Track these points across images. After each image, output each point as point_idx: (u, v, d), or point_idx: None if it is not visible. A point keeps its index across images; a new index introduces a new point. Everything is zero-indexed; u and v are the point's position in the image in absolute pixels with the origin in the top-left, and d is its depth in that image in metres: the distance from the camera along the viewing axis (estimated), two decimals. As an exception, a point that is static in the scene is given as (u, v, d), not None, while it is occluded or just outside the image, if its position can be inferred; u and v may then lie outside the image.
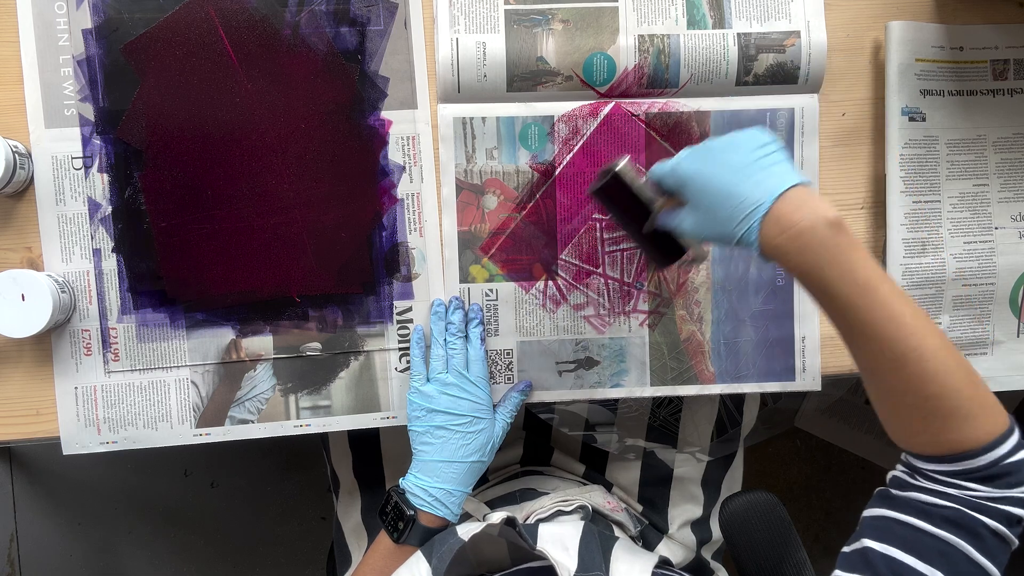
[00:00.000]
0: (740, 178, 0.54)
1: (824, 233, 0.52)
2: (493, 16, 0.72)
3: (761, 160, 0.55)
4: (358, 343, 0.75)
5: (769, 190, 0.53)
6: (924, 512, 0.51)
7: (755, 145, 0.56)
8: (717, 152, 0.57)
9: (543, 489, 0.83)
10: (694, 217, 0.58)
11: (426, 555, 0.61)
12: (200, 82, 0.72)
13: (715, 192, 0.55)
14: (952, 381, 0.51)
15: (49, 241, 0.72)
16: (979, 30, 0.77)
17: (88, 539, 1.51)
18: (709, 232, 0.57)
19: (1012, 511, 0.50)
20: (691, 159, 0.58)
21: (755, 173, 0.54)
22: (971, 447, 0.51)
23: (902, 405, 0.53)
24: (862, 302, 0.51)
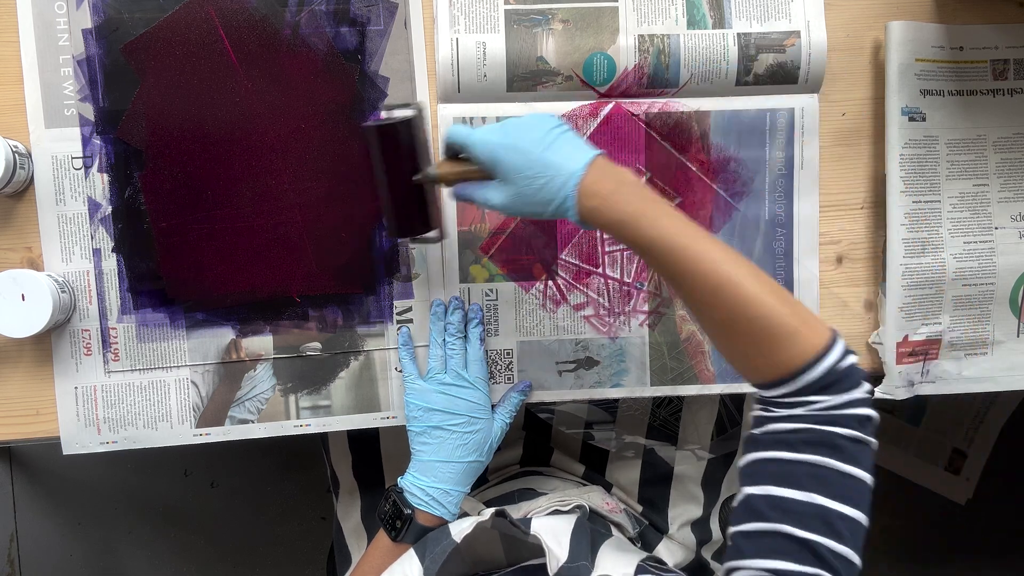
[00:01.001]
0: (551, 153, 0.59)
1: (629, 190, 0.58)
2: (493, 16, 0.72)
3: (563, 136, 0.60)
4: (358, 343, 0.75)
5: (579, 160, 0.59)
6: (785, 442, 0.53)
7: (551, 125, 0.61)
8: (520, 130, 0.61)
9: (542, 489, 0.83)
10: (506, 192, 0.61)
11: (419, 554, 0.61)
12: (200, 82, 0.72)
13: (530, 166, 0.59)
14: (769, 301, 0.54)
15: (49, 241, 0.72)
16: (979, 30, 0.77)
17: (88, 539, 1.51)
18: (522, 204, 0.61)
19: (859, 412, 0.53)
20: (503, 132, 0.61)
21: (563, 147, 0.60)
22: (803, 361, 0.53)
23: (733, 334, 0.56)
24: (676, 243, 0.56)
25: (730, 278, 0.55)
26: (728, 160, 0.76)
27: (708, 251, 0.56)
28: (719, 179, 0.76)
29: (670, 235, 0.56)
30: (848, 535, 0.50)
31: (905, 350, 0.77)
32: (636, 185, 0.59)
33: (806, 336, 0.54)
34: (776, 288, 0.56)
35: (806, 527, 0.50)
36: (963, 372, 0.80)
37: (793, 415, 0.54)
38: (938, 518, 1.59)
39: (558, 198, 0.59)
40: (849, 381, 0.54)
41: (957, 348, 0.79)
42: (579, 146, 0.60)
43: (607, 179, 0.58)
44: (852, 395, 0.53)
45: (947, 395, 0.80)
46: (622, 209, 0.57)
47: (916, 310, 0.77)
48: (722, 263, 0.55)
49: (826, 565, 0.49)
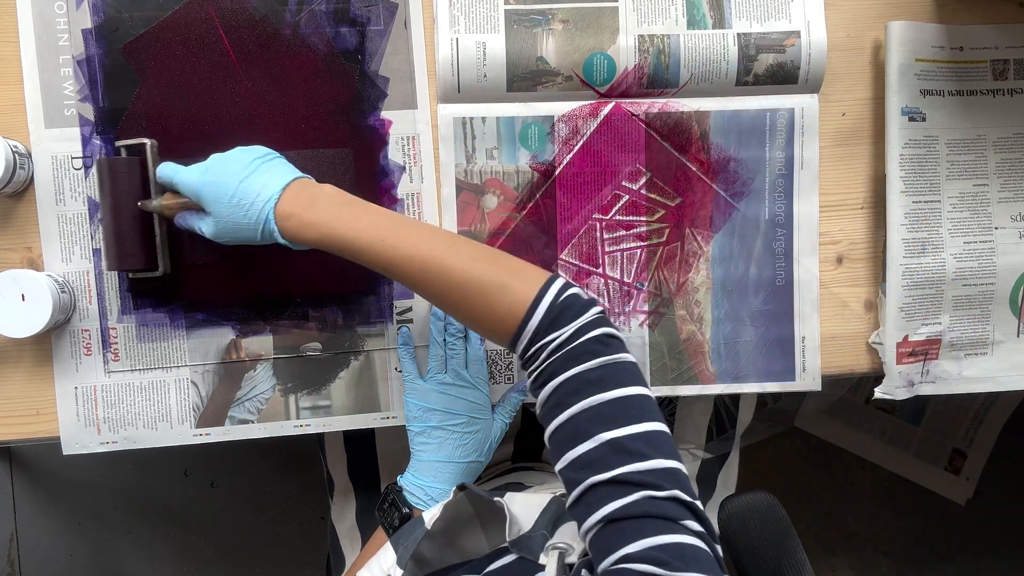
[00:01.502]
0: (247, 183, 0.62)
1: (326, 202, 0.61)
2: (493, 16, 0.72)
3: (263, 165, 0.63)
4: (358, 343, 0.75)
5: (274, 186, 0.61)
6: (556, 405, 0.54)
7: (253, 156, 0.63)
8: (225, 163, 0.63)
9: (529, 483, 0.83)
10: (214, 222, 0.63)
11: (393, 545, 0.61)
12: (200, 82, 0.72)
13: (229, 198, 0.61)
14: (473, 264, 0.57)
15: (49, 241, 0.72)
16: (979, 30, 0.77)
17: (88, 539, 1.51)
18: (231, 232, 0.63)
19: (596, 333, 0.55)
20: (204, 170, 0.64)
21: (259, 176, 0.62)
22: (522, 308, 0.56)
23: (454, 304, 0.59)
24: (374, 238, 0.59)
25: (430, 254, 0.58)
26: (728, 160, 0.76)
27: (406, 236, 0.58)
28: (719, 179, 0.76)
29: (368, 232, 0.59)
30: (648, 449, 0.51)
31: (905, 350, 0.77)
32: (333, 196, 0.61)
33: (518, 287, 0.57)
34: (480, 252, 0.59)
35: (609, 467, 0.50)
36: (963, 372, 0.80)
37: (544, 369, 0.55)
38: (938, 518, 1.59)
39: (259, 222, 0.61)
40: (572, 310, 0.55)
41: (957, 348, 0.79)
42: (278, 172, 0.62)
43: (302, 196, 0.61)
44: (580, 321, 0.55)
45: (947, 395, 0.80)
46: (318, 220, 0.60)
47: (916, 310, 0.77)
48: (420, 244, 0.58)
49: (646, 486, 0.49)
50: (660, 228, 0.76)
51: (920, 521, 1.60)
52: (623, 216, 0.76)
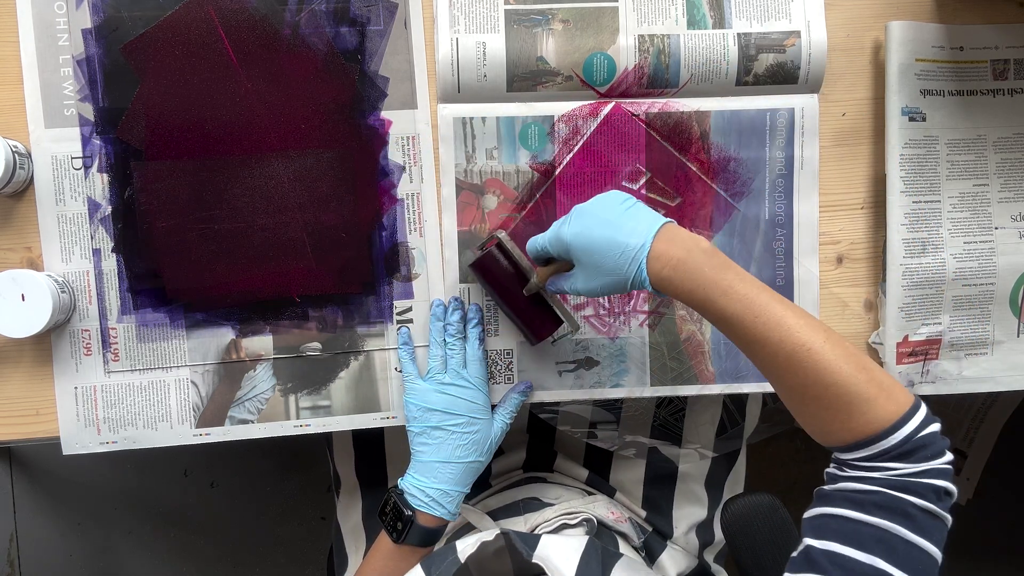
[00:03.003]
0: (616, 229, 0.60)
1: (700, 258, 0.58)
2: (493, 16, 0.72)
3: (629, 211, 0.61)
4: (358, 343, 0.75)
5: (644, 233, 0.60)
6: (855, 502, 0.53)
7: (619, 200, 0.62)
8: (591, 213, 0.63)
9: (547, 499, 0.83)
10: (584, 275, 0.63)
11: (425, 569, 0.61)
12: (200, 82, 0.72)
13: (600, 246, 0.61)
14: (845, 368, 0.54)
15: (49, 241, 0.72)
16: (979, 30, 0.77)
17: (88, 539, 1.51)
18: (601, 284, 0.62)
19: (937, 484, 0.52)
20: (569, 224, 0.63)
21: (628, 222, 0.61)
22: (879, 428, 0.53)
23: (807, 399, 0.56)
24: (746, 312, 0.56)
25: (805, 344, 0.54)
26: (728, 160, 0.76)
27: (783, 318, 0.55)
28: (719, 179, 0.76)
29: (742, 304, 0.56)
30: None
31: (905, 350, 0.77)
32: (706, 252, 0.58)
33: (883, 404, 0.53)
34: (853, 353, 0.55)
35: None
36: (963, 372, 0.80)
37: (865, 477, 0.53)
38: (938, 518, 1.59)
39: (631, 272, 0.59)
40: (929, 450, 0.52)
41: (957, 348, 0.79)
42: (645, 218, 0.61)
43: (675, 248, 0.59)
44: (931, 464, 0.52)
45: (947, 395, 0.80)
46: (692, 279, 0.58)
47: (916, 310, 0.77)
48: (797, 330, 0.55)
49: None
50: (660, 228, 0.76)
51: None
52: (623, 216, 0.76)
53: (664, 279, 0.59)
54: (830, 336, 0.55)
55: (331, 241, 0.74)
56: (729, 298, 0.56)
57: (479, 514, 0.80)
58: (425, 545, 0.70)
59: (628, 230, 0.60)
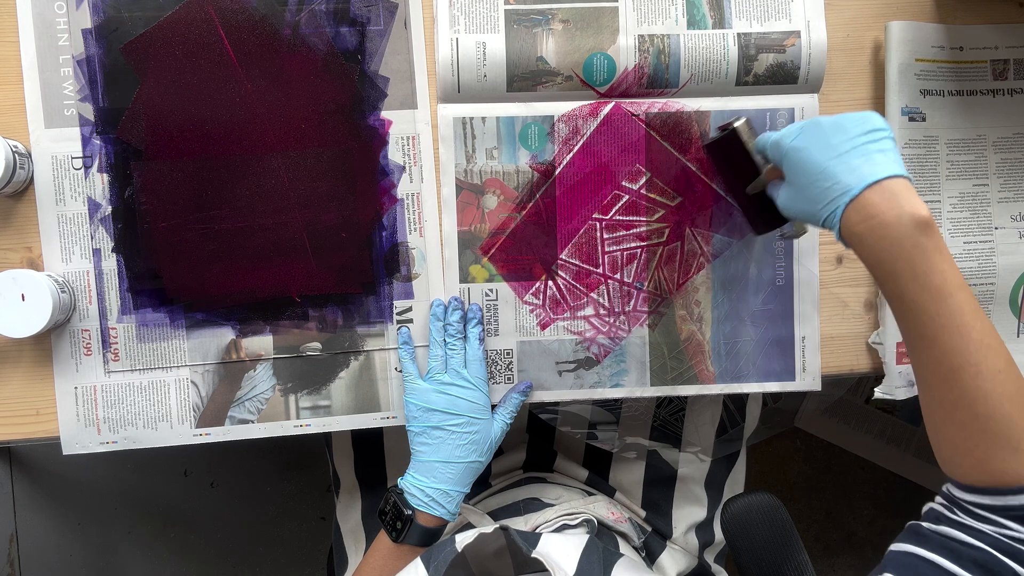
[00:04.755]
0: (837, 160, 0.54)
1: (906, 230, 0.51)
2: (493, 16, 0.72)
3: (866, 146, 0.54)
4: (358, 343, 0.75)
5: (863, 176, 0.53)
6: (953, 552, 0.49)
7: (863, 130, 0.55)
8: (824, 130, 0.56)
9: (547, 499, 0.83)
10: (788, 192, 0.59)
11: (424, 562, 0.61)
12: (200, 82, 0.72)
13: (811, 171, 0.55)
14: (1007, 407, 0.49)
15: (49, 241, 0.72)
16: (979, 30, 0.77)
17: (88, 539, 1.51)
18: (799, 209, 0.57)
19: None
20: (796, 134, 0.58)
21: (854, 158, 0.54)
22: (1015, 481, 0.49)
23: (951, 421, 0.52)
24: (930, 307, 0.51)
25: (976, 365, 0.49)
26: (728, 160, 0.76)
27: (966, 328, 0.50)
28: (719, 179, 0.76)
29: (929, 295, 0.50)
30: None
31: (905, 350, 0.77)
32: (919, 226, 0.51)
33: None
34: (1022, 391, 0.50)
35: None
36: (963, 372, 0.80)
37: (976, 529, 0.49)
38: (938, 518, 1.59)
39: (826, 212, 0.55)
40: None
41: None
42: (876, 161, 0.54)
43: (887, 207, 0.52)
44: None
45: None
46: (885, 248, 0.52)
47: (916, 310, 0.77)
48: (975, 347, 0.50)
49: None
50: (660, 228, 0.76)
51: (920, 521, 1.60)
52: (623, 216, 0.76)
53: (856, 235, 0.53)
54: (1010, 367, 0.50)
55: (331, 241, 0.74)
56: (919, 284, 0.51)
57: (479, 514, 0.80)
58: (424, 545, 0.70)
59: (849, 167, 0.53)
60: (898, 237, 0.51)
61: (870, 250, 0.53)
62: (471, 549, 0.58)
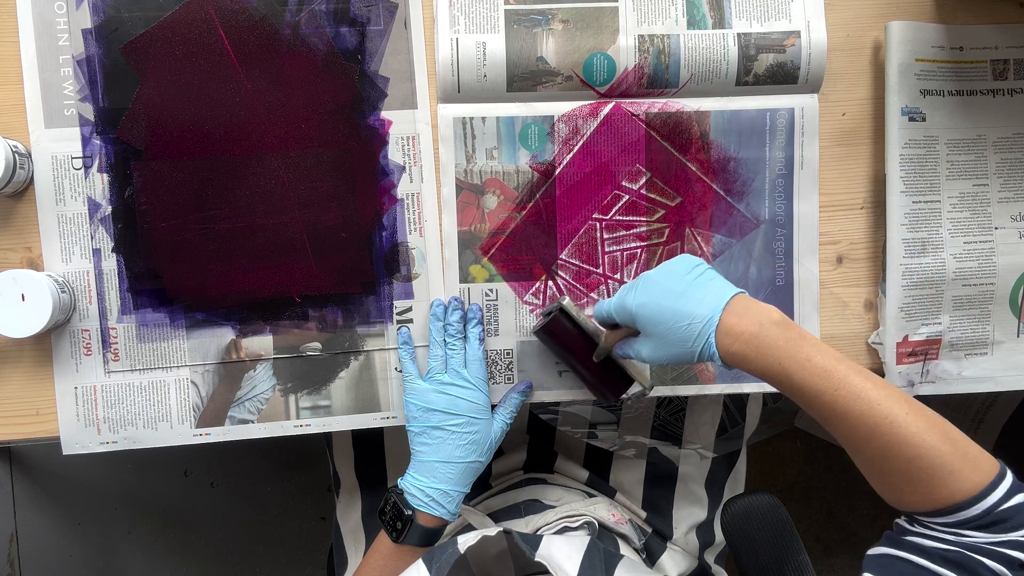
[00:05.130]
0: (684, 300, 0.59)
1: (774, 331, 0.56)
2: (493, 16, 0.72)
3: (698, 280, 0.60)
4: (358, 343, 0.75)
5: (713, 305, 0.58)
6: (926, 552, 0.52)
7: (688, 268, 0.61)
8: (657, 281, 0.61)
9: (548, 500, 0.83)
10: (651, 344, 0.62)
11: (426, 563, 0.61)
12: (200, 82, 0.72)
13: (666, 318, 0.59)
14: (928, 440, 0.52)
15: (49, 241, 0.72)
16: (979, 30, 0.77)
17: (88, 539, 1.51)
18: (668, 355, 0.61)
19: (1013, 555, 0.50)
20: (635, 293, 0.62)
21: (696, 292, 0.59)
22: (961, 499, 0.52)
23: (887, 472, 0.55)
24: (825, 386, 0.54)
25: (888, 417, 0.53)
26: (728, 160, 0.76)
27: (863, 390, 0.54)
28: (719, 179, 0.76)
29: (821, 378, 0.54)
30: None
31: (905, 350, 0.77)
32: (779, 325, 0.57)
33: (967, 475, 0.51)
34: (937, 423, 0.53)
35: None
36: (963, 372, 0.80)
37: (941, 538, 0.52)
38: (938, 518, 1.59)
39: (698, 345, 0.58)
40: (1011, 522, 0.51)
41: (957, 348, 0.79)
42: (715, 290, 0.59)
43: (747, 321, 0.57)
44: (1010, 536, 0.50)
45: (947, 395, 0.80)
46: (766, 355, 0.56)
47: (916, 310, 0.77)
48: (878, 402, 0.53)
49: None
50: (660, 228, 0.76)
51: (920, 521, 1.60)
52: (623, 216, 0.76)
53: (735, 355, 0.57)
54: (912, 406, 0.53)
55: (331, 241, 0.74)
56: (807, 372, 0.55)
57: (480, 515, 0.80)
58: (424, 545, 0.70)
59: (696, 301, 0.58)
60: (770, 340, 0.56)
61: (754, 363, 0.57)
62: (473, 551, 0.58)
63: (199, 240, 0.73)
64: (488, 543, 0.59)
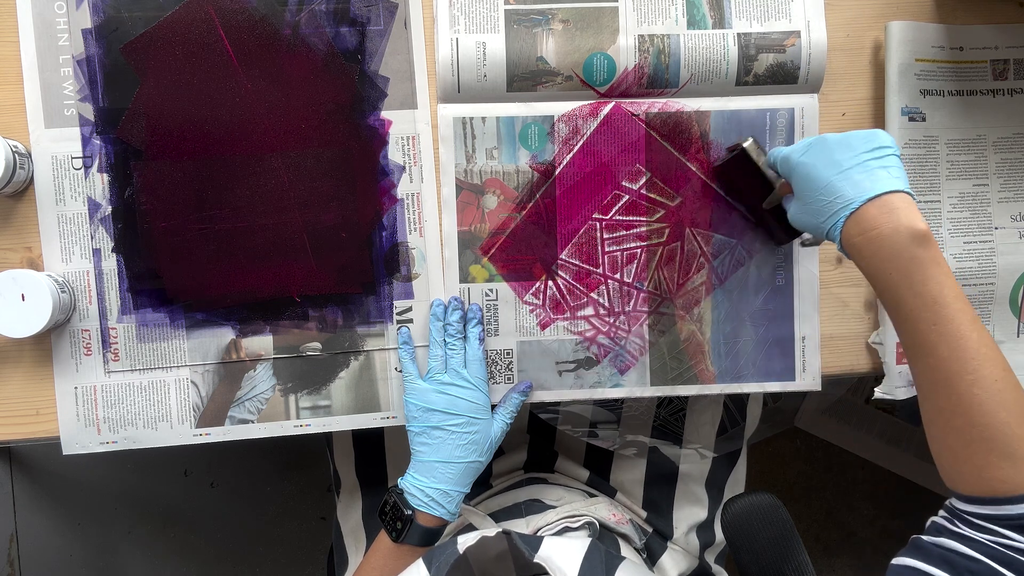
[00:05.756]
0: (841, 176, 0.57)
1: (902, 242, 0.53)
2: (493, 16, 0.72)
3: (869, 162, 0.57)
4: (358, 343, 0.75)
5: (864, 191, 0.56)
6: (953, 565, 0.50)
7: (868, 147, 0.58)
8: (830, 146, 0.59)
9: (548, 500, 0.83)
10: (797, 205, 0.62)
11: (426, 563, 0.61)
12: (200, 82, 0.72)
13: (816, 186, 0.58)
14: (1003, 415, 0.50)
15: (49, 241, 0.72)
16: (979, 30, 0.77)
17: (88, 539, 1.51)
18: (805, 221, 0.60)
19: None
20: (804, 150, 0.61)
21: (857, 173, 0.57)
22: (1012, 491, 0.50)
23: (950, 428, 0.52)
24: (926, 316, 0.52)
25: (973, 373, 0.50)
26: (728, 160, 0.76)
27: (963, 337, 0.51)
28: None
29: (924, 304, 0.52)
30: None
31: (905, 350, 0.77)
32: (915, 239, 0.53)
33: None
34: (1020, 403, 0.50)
35: None
36: (963, 372, 0.80)
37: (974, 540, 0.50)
38: (938, 518, 1.59)
39: (830, 223, 0.57)
40: None
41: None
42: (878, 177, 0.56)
43: (884, 219, 0.54)
44: None
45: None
46: (883, 259, 0.54)
47: (916, 310, 0.77)
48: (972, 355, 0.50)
49: None
50: (660, 228, 0.76)
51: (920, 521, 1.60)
52: (623, 216, 0.76)
53: (855, 247, 0.56)
54: (1006, 375, 0.50)
55: (331, 241, 0.74)
56: (914, 293, 0.52)
57: (481, 515, 0.80)
58: (424, 545, 0.70)
59: (852, 182, 0.56)
60: (895, 249, 0.54)
61: (868, 261, 0.55)
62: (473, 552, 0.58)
63: (199, 240, 0.73)
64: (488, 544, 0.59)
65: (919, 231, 0.54)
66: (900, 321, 0.54)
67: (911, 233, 0.54)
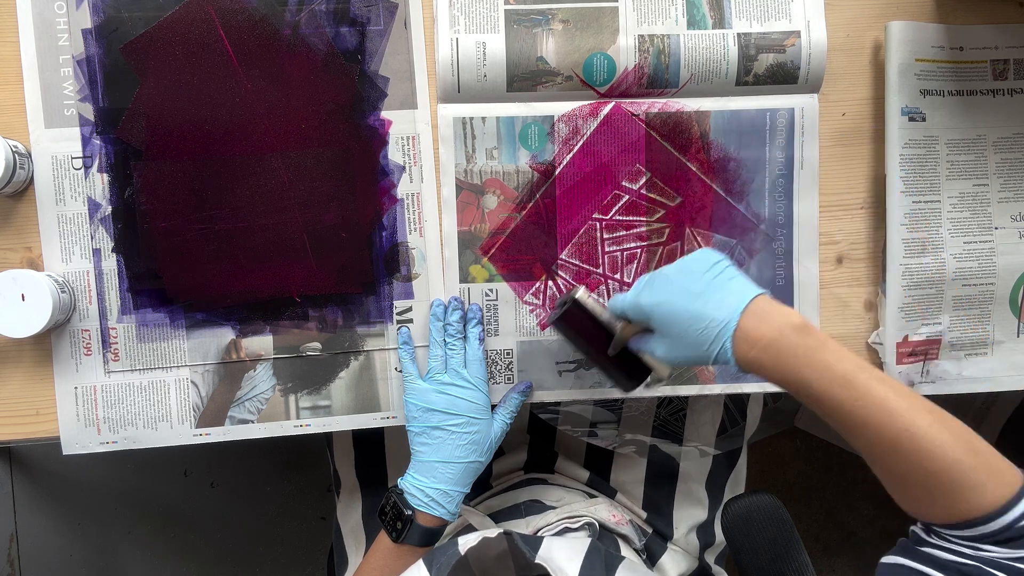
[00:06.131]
0: (701, 302, 0.57)
1: (793, 338, 0.54)
2: (493, 16, 0.72)
3: (717, 279, 0.58)
4: (358, 343, 0.75)
5: (732, 307, 0.56)
6: (941, 565, 0.51)
7: (707, 266, 0.58)
8: (672, 279, 0.59)
9: (548, 501, 0.83)
10: (666, 344, 0.60)
11: (427, 564, 0.61)
12: (200, 82, 0.72)
13: (682, 319, 0.57)
14: (952, 454, 0.51)
15: (49, 241, 0.72)
16: (979, 30, 0.77)
17: (88, 539, 1.51)
18: (683, 356, 0.59)
19: None
20: (650, 291, 0.60)
21: (715, 293, 0.57)
22: (983, 513, 0.50)
23: (908, 484, 0.53)
24: (846, 395, 0.53)
25: (910, 429, 0.51)
26: (728, 160, 0.76)
27: (885, 400, 0.52)
28: (719, 179, 0.76)
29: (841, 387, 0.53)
30: None
31: (905, 350, 0.77)
32: (799, 331, 0.54)
33: (991, 489, 0.50)
34: (961, 434, 0.52)
35: None
36: (963, 372, 0.80)
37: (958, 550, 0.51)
38: (938, 518, 1.59)
39: (714, 349, 0.56)
40: None
41: (957, 348, 0.79)
42: (735, 290, 0.57)
43: (765, 326, 0.55)
44: None
45: (947, 395, 0.80)
46: (784, 361, 0.54)
47: (916, 310, 0.77)
48: (901, 413, 0.51)
49: None
50: (660, 228, 0.76)
51: (920, 521, 1.60)
52: (623, 216, 0.76)
53: (752, 361, 0.55)
54: (936, 417, 0.52)
55: (331, 241, 0.74)
56: (826, 381, 0.53)
57: (481, 516, 0.80)
58: (424, 545, 0.70)
59: (715, 303, 0.56)
60: (789, 348, 0.54)
61: (772, 370, 0.55)
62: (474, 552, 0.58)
63: (199, 240, 0.73)
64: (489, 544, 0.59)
65: (799, 324, 0.55)
66: (827, 411, 0.54)
67: (793, 328, 0.55)
